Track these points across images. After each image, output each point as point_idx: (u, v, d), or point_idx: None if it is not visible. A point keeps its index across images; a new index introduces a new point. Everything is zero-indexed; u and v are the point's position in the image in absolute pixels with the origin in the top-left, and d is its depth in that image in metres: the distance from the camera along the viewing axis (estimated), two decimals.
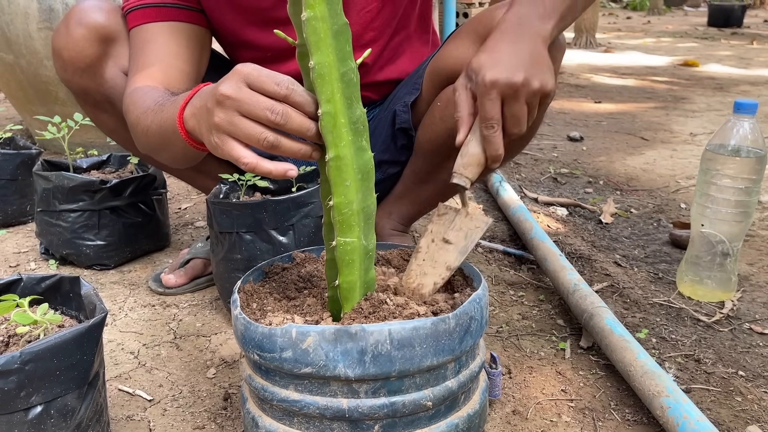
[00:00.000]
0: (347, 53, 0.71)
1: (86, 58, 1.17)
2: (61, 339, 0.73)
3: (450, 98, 1.10)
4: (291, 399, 0.76)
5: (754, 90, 4.17)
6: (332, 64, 0.70)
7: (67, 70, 1.20)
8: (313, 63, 0.69)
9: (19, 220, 1.77)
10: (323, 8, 0.68)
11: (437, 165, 1.24)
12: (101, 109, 1.26)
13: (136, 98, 1.02)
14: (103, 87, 1.21)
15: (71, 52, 1.17)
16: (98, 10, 1.18)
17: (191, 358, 1.15)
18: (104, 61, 1.19)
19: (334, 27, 0.69)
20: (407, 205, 1.37)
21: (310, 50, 0.69)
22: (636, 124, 3.19)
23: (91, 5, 1.19)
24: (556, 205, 1.96)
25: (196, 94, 0.83)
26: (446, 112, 1.12)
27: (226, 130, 0.72)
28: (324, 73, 0.70)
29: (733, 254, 1.33)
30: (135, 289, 1.42)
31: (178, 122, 0.83)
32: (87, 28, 1.16)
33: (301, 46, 0.72)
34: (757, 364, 1.14)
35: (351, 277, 0.80)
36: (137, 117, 1.00)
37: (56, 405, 0.74)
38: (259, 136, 0.71)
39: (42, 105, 2.26)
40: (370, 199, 0.78)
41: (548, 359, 1.15)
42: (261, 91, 0.71)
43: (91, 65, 1.18)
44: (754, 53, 6.34)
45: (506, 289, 1.41)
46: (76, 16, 1.17)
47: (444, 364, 0.77)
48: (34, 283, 0.90)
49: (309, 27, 0.68)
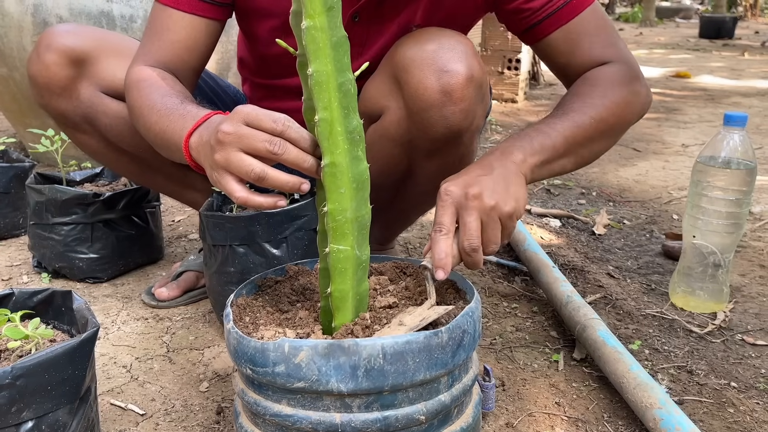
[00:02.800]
0: (345, 64, 0.73)
1: (59, 82, 1.18)
2: (53, 354, 0.73)
3: (372, 140, 1.09)
4: (284, 413, 0.76)
5: (746, 101, 4.20)
6: (330, 73, 0.72)
7: (43, 96, 1.21)
8: (312, 71, 0.71)
9: (12, 233, 1.76)
10: (323, 19, 0.70)
11: (388, 198, 1.23)
12: (81, 131, 1.26)
13: (144, 86, 1.02)
14: (80, 108, 1.21)
15: (44, 77, 1.18)
16: (67, 34, 1.18)
17: (184, 372, 1.15)
18: (78, 83, 1.19)
19: (333, 38, 0.71)
20: (378, 228, 1.36)
21: (309, 59, 0.71)
22: (628, 135, 3.20)
23: (60, 30, 1.19)
24: (549, 217, 1.97)
25: (203, 124, 0.86)
26: (373, 154, 1.08)
27: (223, 166, 0.77)
28: (322, 81, 0.71)
29: (724, 265, 1.34)
30: (128, 302, 1.41)
31: (185, 149, 0.87)
32: (57, 53, 1.16)
33: (301, 55, 0.74)
34: (749, 375, 1.14)
35: (343, 286, 0.80)
36: (141, 107, 1.00)
37: (47, 420, 0.74)
38: (246, 169, 0.75)
39: (35, 118, 2.25)
40: (364, 209, 0.79)
41: (541, 371, 1.15)
42: (259, 128, 0.75)
43: (66, 88, 1.19)
44: (745, 64, 6.40)
45: (500, 301, 1.42)
46: (45, 42, 1.17)
47: (437, 378, 0.77)
48: (26, 298, 0.90)
49: (308, 36, 0.70)
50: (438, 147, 1.05)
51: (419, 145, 1.06)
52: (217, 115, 0.87)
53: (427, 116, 0.99)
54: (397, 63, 1.00)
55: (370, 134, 1.11)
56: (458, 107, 0.98)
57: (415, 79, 0.97)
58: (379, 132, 1.09)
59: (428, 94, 0.97)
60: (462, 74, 0.96)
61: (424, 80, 0.96)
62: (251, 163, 0.75)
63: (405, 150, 1.08)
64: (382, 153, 1.10)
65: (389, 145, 1.09)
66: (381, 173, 1.14)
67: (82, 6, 2.05)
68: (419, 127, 1.02)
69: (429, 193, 1.21)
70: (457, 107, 0.98)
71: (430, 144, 1.05)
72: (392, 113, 1.05)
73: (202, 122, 0.86)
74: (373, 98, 1.08)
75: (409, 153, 1.09)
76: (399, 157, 1.10)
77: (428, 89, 0.96)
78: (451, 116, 0.98)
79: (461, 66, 0.96)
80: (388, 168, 1.13)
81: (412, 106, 1.00)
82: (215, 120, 0.83)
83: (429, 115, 0.99)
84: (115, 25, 2.08)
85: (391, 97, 1.04)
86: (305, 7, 0.69)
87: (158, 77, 1.03)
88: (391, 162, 1.12)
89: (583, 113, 0.97)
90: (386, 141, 1.08)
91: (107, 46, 1.21)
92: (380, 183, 1.18)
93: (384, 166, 1.12)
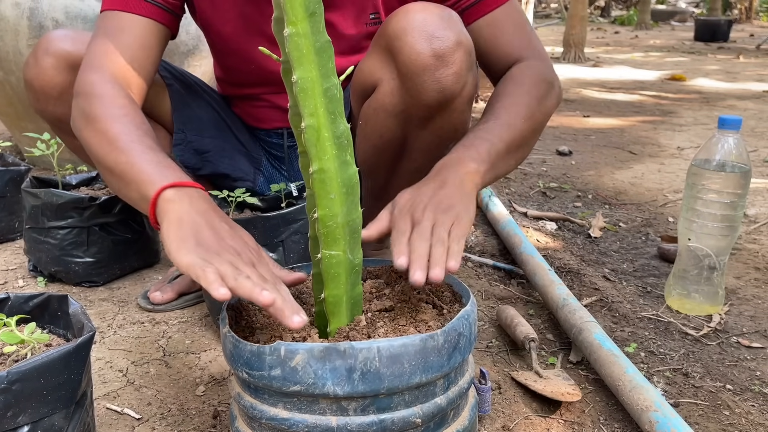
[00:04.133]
0: (330, 69, 0.72)
1: (56, 87, 1.18)
2: (49, 358, 0.73)
3: (367, 115, 1.13)
4: (280, 417, 0.76)
5: (741, 104, 4.22)
6: (315, 79, 0.71)
7: (39, 100, 1.21)
8: (296, 77, 0.70)
9: (8, 237, 1.76)
10: (305, 25, 0.69)
11: (382, 184, 1.24)
12: (75, 136, 1.26)
13: (102, 109, 0.98)
14: None
15: (41, 82, 1.18)
16: (65, 39, 1.18)
17: (180, 376, 1.15)
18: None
19: (317, 44, 0.71)
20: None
21: (293, 65, 0.70)
22: (624, 138, 3.21)
23: (57, 35, 1.19)
24: (545, 220, 1.98)
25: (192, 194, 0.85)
26: (367, 130, 1.15)
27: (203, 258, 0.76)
28: (307, 88, 0.71)
29: (719, 268, 1.34)
30: (124, 306, 1.41)
31: (151, 213, 0.85)
32: (55, 57, 1.16)
33: (285, 62, 0.73)
34: (744, 377, 1.14)
35: (337, 291, 0.80)
36: (100, 141, 0.95)
37: (43, 425, 0.74)
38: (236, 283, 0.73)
39: (31, 122, 2.25)
40: (355, 213, 0.79)
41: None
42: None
43: (63, 93, 1.18)
44: (740, 67, 6.42)
45: (496, 304, 1.42)
46: (43, 46, 1.17)
47: (433, 381, 0.77)
48: (22, 302, 0.89)
49: (291, 43, 0.69)
50: (432, 114, 1.07)
51: (413, 113, 1.07)
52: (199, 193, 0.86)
53: (420, 81, 1.01)
54: (389, 33, 1.02)
55: (364, 110, 1.14)
56: (450, 70, 1.00)
57: (408, 45, 0.99)
58: (374, 105, 1.11)
59: (421, 58, 0.99)
60: (452, 39, 0.99)
61: (416, 45, 0.99)
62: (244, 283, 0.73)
63: (399, 121, 1.10)
64: (377, 126, 1.12)
65: (383, 117, 1.10)
66: (375, 149, 1.16)
67: (78, 9, 2.05)
68: (413, 94, 1.04)
69: (424, 171, 1.22)
70: (449, 70, 1.00)
71: (424, 111, 1.06)
72: (386, 84, 1.07)
73: (184, 186, 0.85)
74: (367, 72, 1.10)
75: (403, 123, 1.10)
76: (393, 129, 1.12)
77: (421, 54, 0.99)
78: (443, 79, 1.01)
79: (450, 32, 0.99)
80: (383, 142, 1.14)
81: (406, 72, 1.02)
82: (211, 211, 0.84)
83: (422, 79, 1.01)
84: None
85: (384, 69, 1.07)
86: (287, 14, 0.69)
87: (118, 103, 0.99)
88: (385, 135, 1.13)
89: (516, 114, 1.03)
90: (381, 113, 1.10)
91: None
92: (374, 164, 1.19)
93: (378, 141, 1.14)
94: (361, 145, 1.19)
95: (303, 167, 0.77)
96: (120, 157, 0.91)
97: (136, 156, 0.90)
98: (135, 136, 0.94)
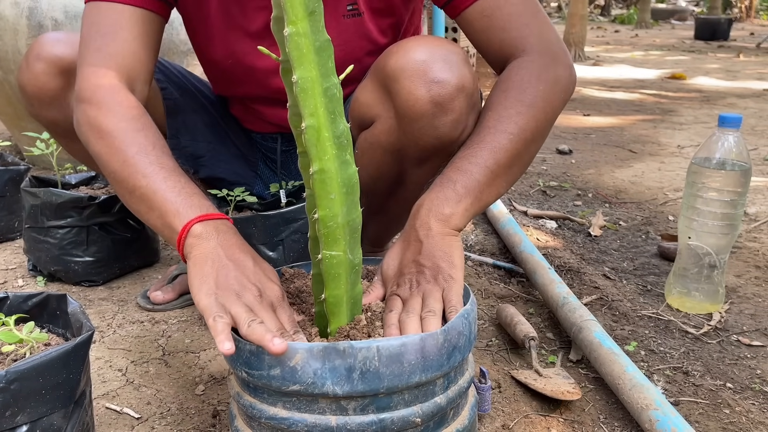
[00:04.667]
0: (330, 69, 0.72)
1: (50, 92, 1.16)
2: (47, 358, 0.73)
3: (363, 148, 1.10)
4: (279, 416, 0.76)
5: (741, 102, 4.22)
6: (315, 79, 0.71)
7: (33, 105, 1.20)
8: (296, 77, 0.70)
9: (7, 237, 1.76)
10: (305, 24, 0.69)
11: (379, 203, 1.23)
12: (72, 139, 1.23)
13: (114, 122, 0.95)
14: (71, 117, 1.18)
15: (34, 87, 1.16)
16: (57, 43, 1.16)
17: (180, 375, 1.15)
18: (69, 92, 1.16)
19: (317, 43, 0.70)
20: (372, 231, 1.35)
21: (293, 65, 0.70)
22: (624, 137, 3.21)
23: (49, 38, 1.17)
24: (545, 218, 1.97)
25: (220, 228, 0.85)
26: (364, 161, 1.10)
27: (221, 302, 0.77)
28: (307, 88, 0.71)
29: (720, 266, 1.34)
30: (124, 305, 1.41)
31: (178, 246, 0.86)
32: (46, 62, 1.15)
33: (284, 62, 0.73)
34: (744, 376, 1.14)
35: (337, 291, 0.80)
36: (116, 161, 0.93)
37: (42, 424, 0.73)
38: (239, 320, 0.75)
39: (31, 121, 2.25)
40: (355, 213, 0.78)
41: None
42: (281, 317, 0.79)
43: (56, 98, 1.17)
44: (740, 66, 6.42)
45: (496, 303, 1.42)
46: (35, 51, 1.16)
47: (433, 380, 0.77)
48: (21, 301, 0.89)
49: (291, 42, 0.69)
50: (428, 156, 1.05)
51: (409, 153, 1.05)
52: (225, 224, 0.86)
53: (418, 126, 0.98)
54: (387, 72, 0.98)
55: (361, 142, 1.11)
56: (449, 118, 0.96)
57: (405, 90, 0.95)
58: (370, 140, 1.08)
59: (419, 105, 0.95)
60: (452, 85, 0.94)
61: (414, 91, 0.94)
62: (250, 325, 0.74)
63: (395, 158, 1.08)
64: (374, 160, 1.10)
65: (380, 153, 1.08)
66: (372, 179, 1.14)
67: (77, 9, 2.05)
68: (409, 137, 1.01)
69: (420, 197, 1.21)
70: (448, 118, 0.96)
71: (420, 153, 1.04)
72: (383, 122, 1.04)
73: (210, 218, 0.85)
74: (364, 105, 1.08)
75: (399, 161, 1.09)
76: (390, 165, 1.10)
77: (419, 100, 0.94)
78: (441, 127, 0.97)
79: (451, 76, 0.94)
80: (379, 174, 1.13)
81: (403, 116, 0.98)
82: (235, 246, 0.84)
83: (419, 125, 0.97)
84: None
85: (381, 106, 1.03)
86: (287, 13, 0.68)
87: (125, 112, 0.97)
88: (382, 169, 1.12)
89: (501, 132, 0.92)
90: (377, 148, 1.08)
91: None
92: (372, 188, 1.18)
93: (375, 173, 1.12)
94: (359, 172, 1.18)
95: (303, 167, 0.77)
96: (140, 181, 0.89)
97: (158, 182, 0.89)
98: (153, 157, 0.92)
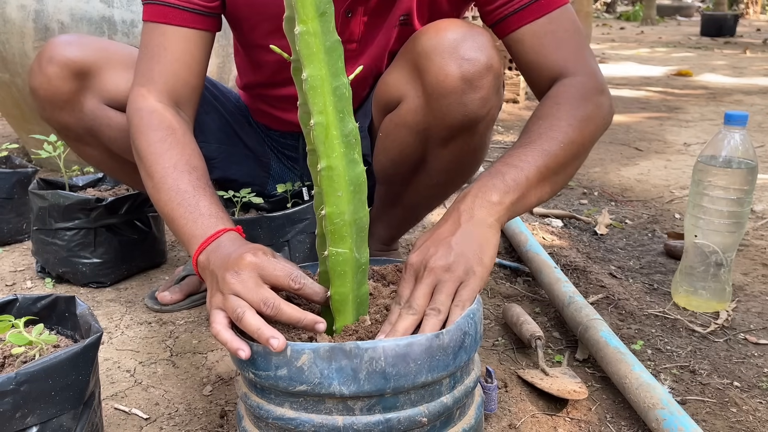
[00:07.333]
0: (339, 69, 0.73)
1: (62, 95, 1.16)
2: (57, 359, 0.73)
3: (387, 129, 1.11)
4: (286, 417, 0.76)
5: (747, 99, 4.20)
6: (324, 77, 0.72)
7: (45, 109, 1.19)
8: (306, 75, 0.71)
9: (16, 239, 1.77)
10: (316, 24, 0.70)
11: (397, 192, 1.24)
12: (84, 143, 1.25)
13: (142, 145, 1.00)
14: (84, 121, 1.19)
15: (46, 90, 1.16)
16: (69, 45, 1.16)
17: (188, 376, 1.15)
18: (82, 95, 1.17)
19: (327, 43, 0.71)
20: (384, 227, 1.36)
21: (303, 63, 0.71)
22: (630, 135, 3.20)
23: (62, 41, 1.17)
24: (551, 217, 1.97)
25: (212, 246, 0.86)
26: (387, 144, 1.13)
27: (218, 306, 0.79)
28: (316, 86, 0.72)
29: (726, 264, 1.34)
30: (131, 306, 1.42)
31: (193, 261, 0.89)
32: (59, 65, 1.14)
33: (295, 61, 0.74)
34: (752, 374, 1.14)
35: (343, 289, 0.80)
36: (151, 168, 0.98)
37: (51, 426, 0.74)
38: (232, 312, 0.77)
39: (38, 124, 2.26)
40: (362, 211, 0.79)
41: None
42: (275, 284, 0.78)
43: (69, 101, 1.17)
44: (747, 62, 6.39)
45: (502, 302, 1.42)
46: (47, 54, 1.15)
47: (439, 380, 0.77)
48: (30, 304, 0.90)
49: (302, 41, 0.70)
50: (454, 135, 1.05)
51: (435, 132, 1.06)
52: (226, 236, 0.87)
53: (446, 103, 1.00)
54: (418, 50, 1.00)
55: (386, 123, 1.12)
56: (477, 95, 0.99)
57: (436, 66, 0.97)
58: (396, 120, 1.09)
59: (449, 80, 0.97)
60: (482, 63, 0.97)
61: (445, 67, 0.97)
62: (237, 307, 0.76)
63: (420, 138, 1.09)
64: (397, 141, 1.10)
65: (405, 133, 1.09)
66: (393, 163, 1.15)
67: (83, 12, 2.06)
68: (437, 114, 1.02)
69: (440, 186, 1.19)
70: (477, 95, 0.98)
71: (446, 132, 1.05)
72: (410, 101, 1.05)
73: (209, 242, 0.87)
74: (392, 86, 1.09)
75: (424, 141, 1.09)
76: (414, 146, 1.11)
77: (449, 76, 0.97)
78: (470, 103, 0.99)
79: (482, 55, 0.97)
80: (402, 158, 1.13)
81: (432, 92, 1.00)
82: (225, 250, 0.84)
83: (448, 101, 0.99)
84: (117, 30, 2.09)
85: (409, 85, 1.05)
86: (298, 13, 0.69)
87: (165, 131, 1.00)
88: (405, 151, 1.12)
89: (552, 139, 0.94)
90: (402, 129, 1.09)
91: (110, 57, 1.19)
92: (392, 175, 1.19)
93: (397, 156, 1.12)
94: (379, 157, 1.18)
95: (311, 164, 0.78)
96: (163, 208, 0.95)
97: (174, 209, 0.93)
98: (171, 181, 0.95)
